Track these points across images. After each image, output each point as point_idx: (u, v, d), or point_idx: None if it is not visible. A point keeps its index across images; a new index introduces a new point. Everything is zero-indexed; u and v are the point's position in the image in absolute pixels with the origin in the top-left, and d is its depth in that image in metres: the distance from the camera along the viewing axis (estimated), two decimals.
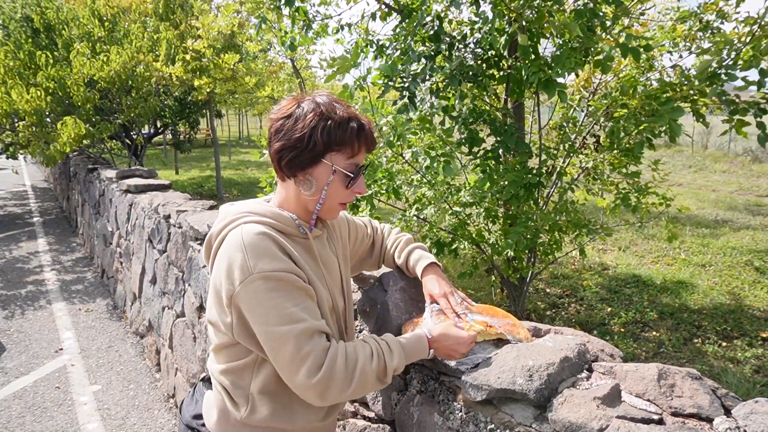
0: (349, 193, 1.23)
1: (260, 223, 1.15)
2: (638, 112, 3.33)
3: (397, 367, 1.16)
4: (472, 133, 3.75)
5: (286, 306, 1.07)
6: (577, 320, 4.79)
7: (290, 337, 1.05)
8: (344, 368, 1.07)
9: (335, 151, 1.17)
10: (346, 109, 1.19)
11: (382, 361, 1.13)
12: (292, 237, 1.19)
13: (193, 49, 8.80)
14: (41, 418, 3.36)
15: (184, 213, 3.52)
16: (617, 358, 1.42)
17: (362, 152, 1.22)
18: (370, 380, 1.12)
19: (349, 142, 1.17)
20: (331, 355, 1.07)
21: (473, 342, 1.30)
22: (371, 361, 1.11)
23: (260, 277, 1.06)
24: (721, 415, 1.08)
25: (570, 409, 1.13)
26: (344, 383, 1.07)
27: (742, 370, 3.83)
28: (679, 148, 17.34)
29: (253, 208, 1.21)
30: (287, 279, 1.09)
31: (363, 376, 1.10)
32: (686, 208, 4.51)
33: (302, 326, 1.07)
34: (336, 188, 1.20)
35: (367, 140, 1.21)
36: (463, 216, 4.02)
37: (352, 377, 1.08)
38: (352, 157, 1.19)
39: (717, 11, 3.73)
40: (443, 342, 1.25)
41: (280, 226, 1.17)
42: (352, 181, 1.20)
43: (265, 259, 1.08)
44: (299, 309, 1.08)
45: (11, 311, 5.14)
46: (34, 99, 6.76)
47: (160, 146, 19.75)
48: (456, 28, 4.27)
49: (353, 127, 1.17)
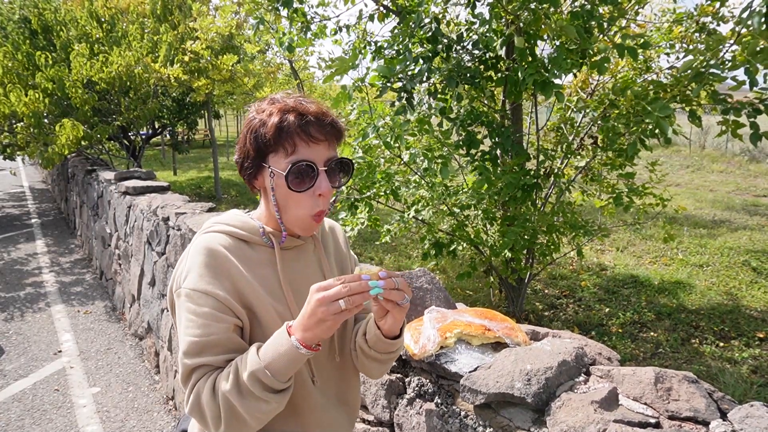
0: (308, 197, 1.05)
1: (221, 232, 1.12)
2: (629, 112, 3.34)
3: (256, 374, 0.97)
4: (470, 135, 3.77)
5: (191, 330, 1.03)
6: (575, 321, 4.80)
7: (179, 362, 1.05)
8: (211, 398, 1.00)
9: (271, 152, 1.05)
10: (282, 103, 1.06)
11: (238, 377, 0.98)
12: (255, 246, 1.13)
13: (191, 51, 8.80)
14: (40, 421, 3.36)
15: (183, 215, 3.53)
16: (614, 361, 1.43)
17: (304, 146, 1.03)
18: (236, 402, 0.98)
19: (276, 140, 1.03)
20: (197, 388, 1.02)
21: (340, 284, 0.94)
22: (226, 382, 0.99)
23: (185, 291, 1.05)
24: (717, 418, 1.09)
25: (568, 413, 1.14)
26: (214, 412, 1.00)
27: (740, 371, 3.84)
28: (676, 148, 17.38)
29: (223, 218, 1.17)
30: (206, 303, 1.03)
31: (226, 401, 0.99)
32: (683, 209, 4.52)
33: (191, 361, 1.03)
34: (283, 194, 1.06)
35: (305, 131, 1.03)
36: (461, 217, 4.03)
37: (219, 405, 0.99)
38: (290, 155, 1.03)
39: (713, 13, 3.75)
40: (303, 316, 0.97)
41: (243, 234, 1.12)
42: (292, 181, 1.03)
43: (196, 275, 1.05)
44: (201, 339, 1.02)
45: (10, 313, 5.14)
46: (33, 101, 6.75)
47: (158, 147, 19.74)
48: (453, 29, 4.28)
49: (275, 123, 1.03)
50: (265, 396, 0.97)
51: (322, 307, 0.93)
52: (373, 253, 6.99)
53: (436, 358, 1.43)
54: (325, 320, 0.94)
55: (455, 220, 4.07)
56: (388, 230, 4.03)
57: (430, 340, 1.47)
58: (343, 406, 1.24)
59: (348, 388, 1.26)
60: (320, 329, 0.95)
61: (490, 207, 4.04)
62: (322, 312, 0.93)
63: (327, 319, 0.94)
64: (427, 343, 1.46)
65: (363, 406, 1.74)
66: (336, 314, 0.94)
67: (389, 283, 0.96)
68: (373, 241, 7.44)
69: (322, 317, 0.93)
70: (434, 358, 1.44)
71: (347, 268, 1.29)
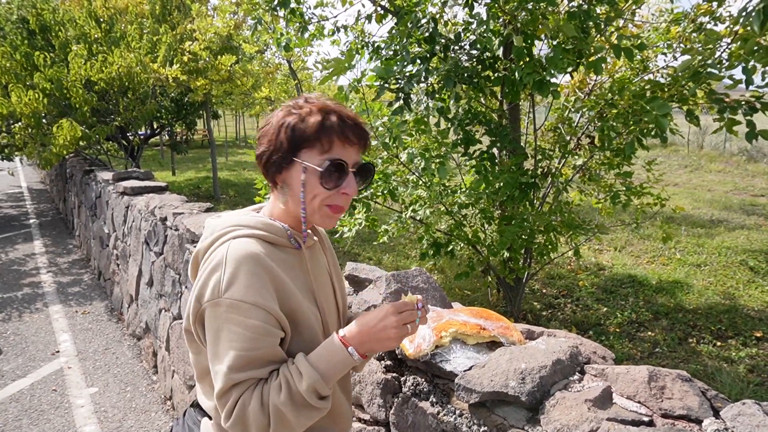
0: (335, 195, 1.09)
1: (250, 237, 1.08)
2: (627, 112, 3.35)
3: (314, 386, 1.00)
4: (468, 134, 3.77)
5: (238, 344, 1.00)
6: (573, 321, 4.81)
7: (221, 375, 1.00)
8: (259, 410, 0.99)
9: (305, 148, 1.07)
10: (321, 103, 1.09)
11: (291, 388, 1.00)
12: (283, 249, 1.12)
13: (190, 51, 8.80)
14: (38, 421, 3.36)
15: (181, 215, 3.53)
16: (609, 360, 1.44)
17: (339, 146, 1.07)
18: (289, 413, 0.99)
19: (316, 136, 1.06)
20: (243, 401, 1.00)
21: (408, 309, 1.04)
22: (278, 394, 0.99)
23: (229, 302, 0.99)
24: (710, 416, 1.10)
25: (562, 412, 1.14)
26: (262, 423, 0.99)
27: (737, 370, 3.85)
28: (674, 147, 17.40)
29: (241, 220, 1.12)
30: (256, 316, 1.00)
31: (277, 413, 0.99)
32: (681, 209, 4.53)
33: (237, 375, 1.00)
34: (313, 188, 1.07)
35: (343, 133, 1.07)
36: (459, 217, 4.04)
37: (268, 418, 0.99)
38: (325, 153, 1.06)
39: (710, 13, 3.75)
40: (364, 331, 1.03)
41: (271, 237, 1.10)
42: (325, 177, 1.06)
43: (243, 285, 1.00)
44: (249, 353, 1.00)
45: (8, 314, 5.13)
46: (32, 101, 6.74)
47: (156, 147, 19.73)
48: (451, 29, 4.28)
49: (318, 120, 1.06)
50: (317, 404, 1.01)
51: (396, 329, 1.02)
52: (371, 254, 6.99)
53: (431, 357, 1.44)
54: (394, 339, 1.03)
55: (453, 220, 4.08)
56: (385, 230, 4.03)
57: (425, 340, 1.47)
58: (347, 395, 1.30)
59: (346, 377, 1.31)
60: (382, 345, 1.04)
61: (488, 206, 4.05)
62: (395, 333, 1.02)
63: (396, 339, 1.03)
64: (422, 343, 1.47)
65: (359, 406, 1.74)
66: (404, 337, 1.04)
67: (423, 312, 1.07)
68: (371, 242, 7.45)
69: (394, 337, 1.02)
70: (429, 357, 1.44)
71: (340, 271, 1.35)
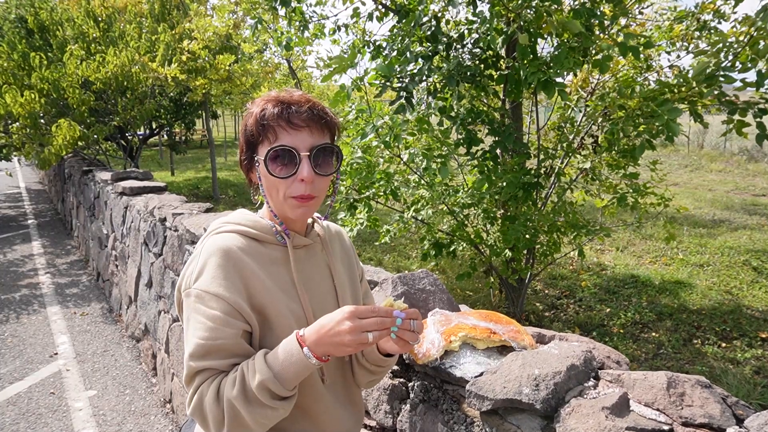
0: (294, 183, 1.06)
1: (232, 232, 1.11)
2: (636, 114, 3.31)
3: (265, 383, 0.96)
4: (470, 134, 3.73)
5: (199, 333, 1.01)
6: (576, 321, 4.77)
7: (185, 362, 1.03)
8: (214, 402, 0.99)
9: (259, 144, 1.08)
10: (268, 96, 1.09)
11: (245, 384, 0.98)
12: (267, 244, 1.14)
13: (189, 51, 8.75)
14: (36, 425, 3.32)
15: (180, 216, 3.48)
16: (624, 365, 1.39)
17: (285, 134, 1.05)
18: (242, 408, 0.97)
19: (260, 130, 1.06)
20: (201, 391, 1.01)
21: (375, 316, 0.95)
22: (232, 388, 0.98)
23: (195, 292, 1.03)
24: (733, 425, 1.05)
25: (578, 420, 1.10)
26: (217, 416, 0.99)
27: (743, 371, 3.82)
28: (675, 147, 17.38)
29: (231, 218, 1.16)
30: (216, 306, 1.01)
31: (231, 407, 0.98)
32: (684, 209, 4.49)
33: (196, 363, 1.01)
34: (270, 181, 1.07)
35: (287, 119, 1.04)
36: (461, 217, 4.00)
37: (223, 411, 0.98)
38: (274, 142, 1.05)
39: (714, 11, 3.72)
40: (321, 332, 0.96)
41: (254, 233, 1.12)
42: (271, 167, 1.05)
43: (209, 276, 1.04)
44: (208, 342, 1.01)
45: (5, 315, 5.08)
46: (29, 101, 6.69)
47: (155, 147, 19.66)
48: (454, 28, 4.24)
49: (256, 113, 1.07)
50: (271, 403, 0.97)
51: (351, 335, 0.93)
52: (372, 254, 6.95)
53: (440, 363, 1.40)
54: (347, 345, 0.94)
55: (455, 220, 4.04)
56: (387, 230, 3.99)
57: (434, 345, 1.43)
58: (351, 406, 1.24)
59: (354, 388, 1.26)
60: (337, 350, 0.96)
61: (491, 206, 4.00)
62: (350, 339, 0.93)
63: (350, 345, 0.94)
64: (431, 348, 1.43)
65: (365, 411, 1.70)
66: (361, 344, 0.94)
67: (405, 324, 0.96)
68: (372, 242, 7.40)
69: (348, 343, 0.93)
70: (438, 363, 1.40)
71: (355, 275, 1.29)
